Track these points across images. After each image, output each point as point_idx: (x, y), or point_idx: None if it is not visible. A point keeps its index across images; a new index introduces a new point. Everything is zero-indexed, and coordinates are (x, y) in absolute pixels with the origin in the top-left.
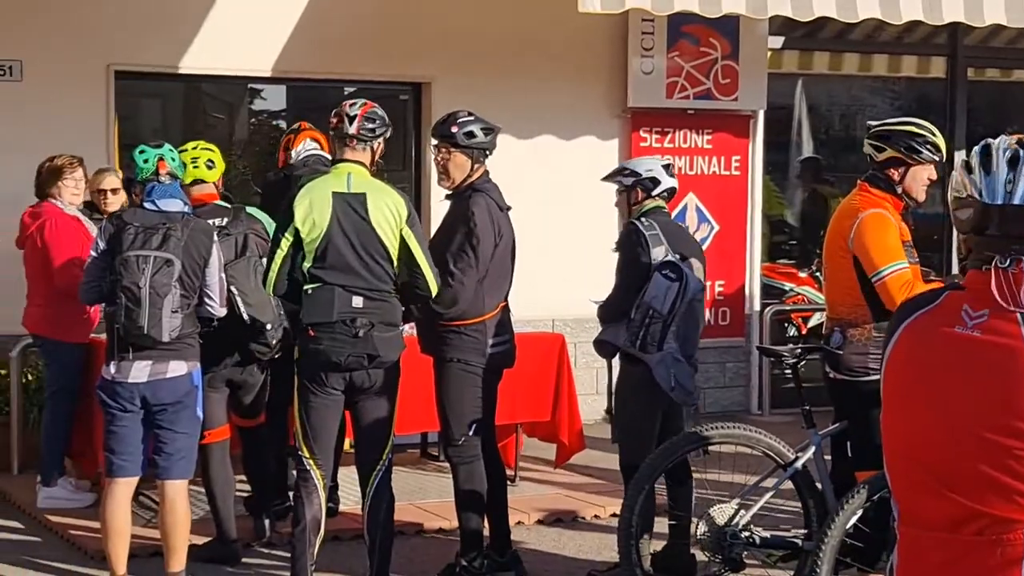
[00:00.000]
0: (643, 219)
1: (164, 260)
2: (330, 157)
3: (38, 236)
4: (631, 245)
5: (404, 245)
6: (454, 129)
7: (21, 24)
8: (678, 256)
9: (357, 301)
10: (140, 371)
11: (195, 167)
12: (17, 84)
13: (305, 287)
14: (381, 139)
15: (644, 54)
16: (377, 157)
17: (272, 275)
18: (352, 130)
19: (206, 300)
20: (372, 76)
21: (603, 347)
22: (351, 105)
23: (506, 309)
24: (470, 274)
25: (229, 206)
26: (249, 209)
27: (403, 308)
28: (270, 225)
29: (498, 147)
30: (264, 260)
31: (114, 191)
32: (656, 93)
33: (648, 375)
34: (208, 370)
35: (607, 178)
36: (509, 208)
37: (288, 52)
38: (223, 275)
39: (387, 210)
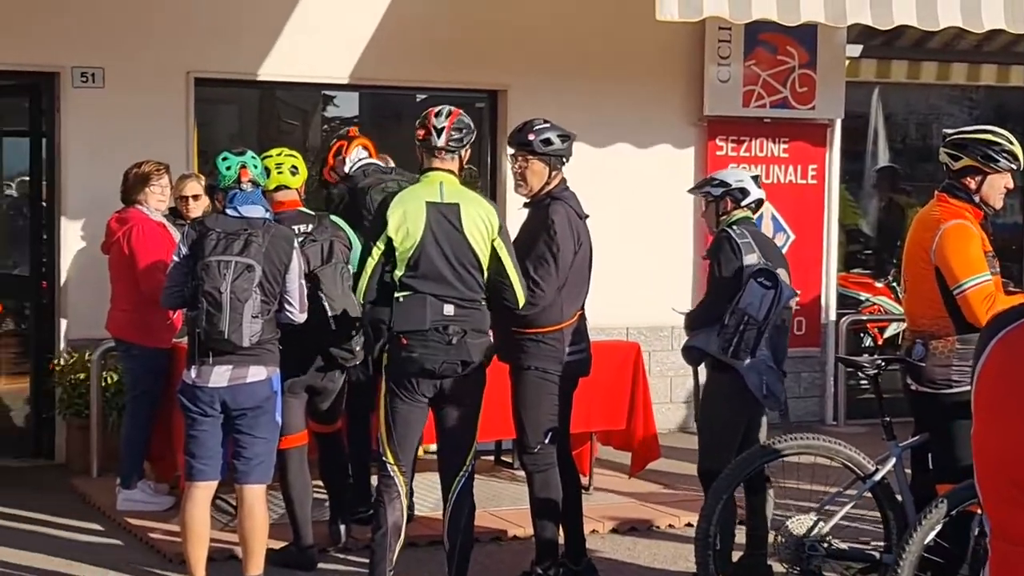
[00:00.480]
0: (735, 227)
1: (245, 265)
2: (382, 164)
3: (125, 242)
4: (724, 252)
5: (494, 255)
6: (531, 137)
7: (103, 32)
8: (769, 264)
9: (448, 309)
10: (220, 375)
11: (279, 173)
12: (99, 91)
13: (397, 295)
14: (468, 146)
15: (721, 62)
16: (465, 163)
17: (363, 282)
18: (441, 142)
19: (286, 306)
20: (447, 83)
21: (692, 353)
22: (437, 115)
23: (582, 317)
24: (550, 281)
25: (312, 213)
26: (332, 216)
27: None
28: (350, 234)
29: (576, 156)
30: (349, 266)
31: (196, 197)
32: (732, 101)
33: (738, 382)
34: (290, 376)
35: (694, 190)
36: (587, 216)
37: (364, 59)
38: (303, 282)
39: (480, 221)
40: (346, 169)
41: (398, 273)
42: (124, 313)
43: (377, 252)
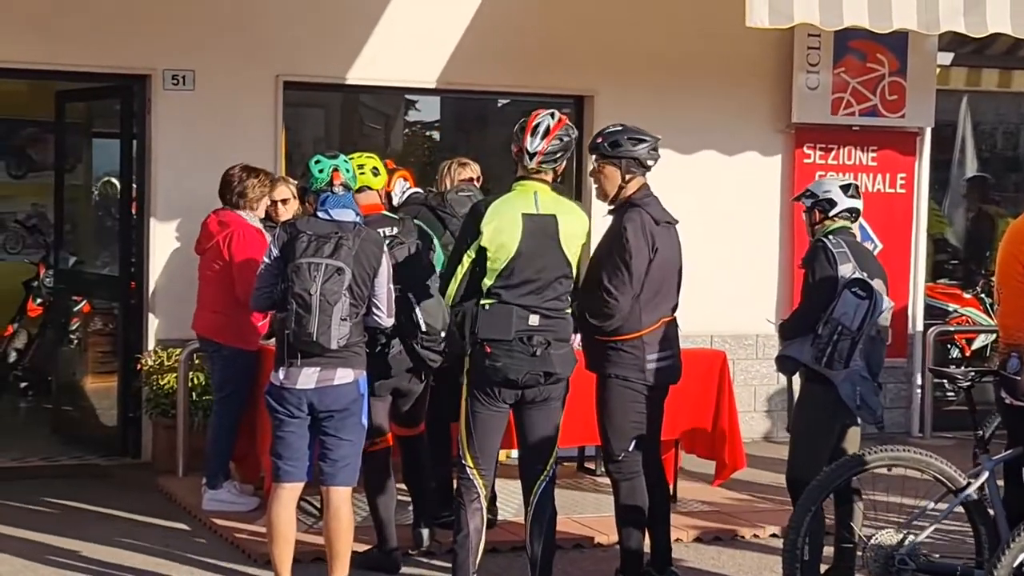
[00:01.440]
0: (830, 236)
1: (335, 268)
2: (423, 193)
3: (225, 246)
4: (819, 262)
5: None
6: (599, 140)
7: (194, 35)
8: (865, 275)
9: (533, 319)
10: (308, 378)
11: (361, 174)
12: (189, 93)
13: (483, 302)
14: (563, 161)
15: (810, 69)
16: (560, 172)
17: (452, 287)
18: (532, 165)
19: (374, 310)
20: (533, 89)
21: (785, 363)
22: (533, 133)
23: (671, 324)
24: (624, 290)
25: (396, 216)
26: (415, 220)
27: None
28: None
29: (662, 163)
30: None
31: (284, 201)
32: (821, 109)
33: (832, 392)
34: (378, 378)
35: (797, 198)
36: (675, 222)
37: (450, 63)
38: (391, 286)
39: (578, 231)
40: (395, 201)
41: (487, 281)
42: (215, 315)
43: (468, 260)
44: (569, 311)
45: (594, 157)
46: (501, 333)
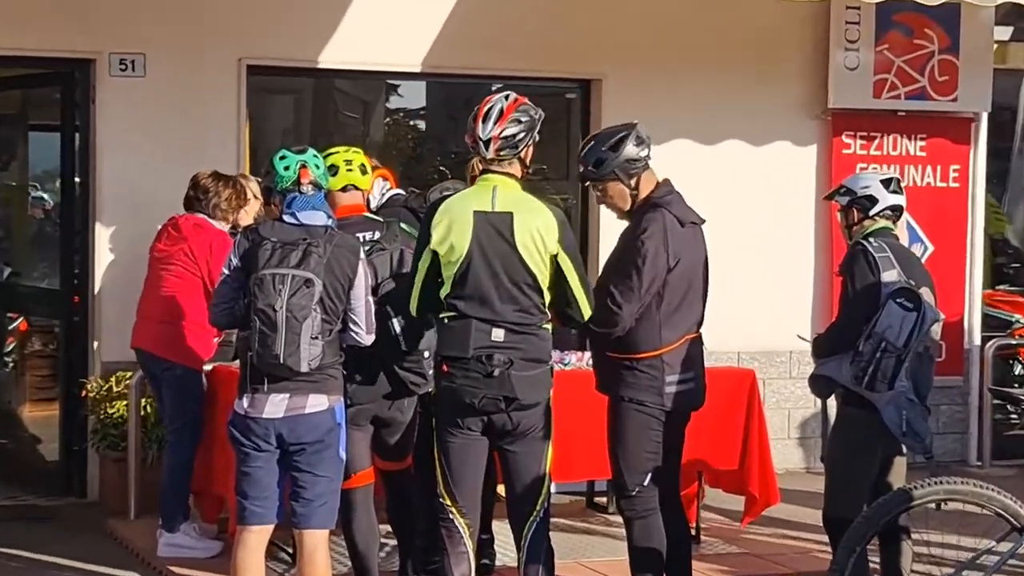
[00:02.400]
0: (872, 239)
1: (303, 280)
2: (404, 194)
3: (201, 253)
4: (859, 268)
5: (558, 271)
6: (581, 168)
7: (143, 14)
8: (911, 282)
9: (497, 334)
10: (276, 405)
11: (349, 170)
12: (139, 80)
13: (442, 316)
14: (530, 143)
15: (848, 47)
16: (529, 160)
17: (414, 298)
18: (489, 154)
19: (351, 326)
20: (532, 72)
21: (820, 384)
22: (484, 119)
23: (695, 342)
24: (630, 297)
25: (380, 219)
26: (402, 224)
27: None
28: None
29: (678, 154)
30: None
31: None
32: (862, 92)
33: (874, 417)
34: (354, 405)
35: (829, 197)
36: (701, 221)
37: (437, 44)
38: (370, 298)
39: (536, 232)
40: (373, 204)
41: (444, 292)
42: (163, 326)
43: (422, 267)
44: (546, 327)
45: (588, 185)
46: (459, 350)
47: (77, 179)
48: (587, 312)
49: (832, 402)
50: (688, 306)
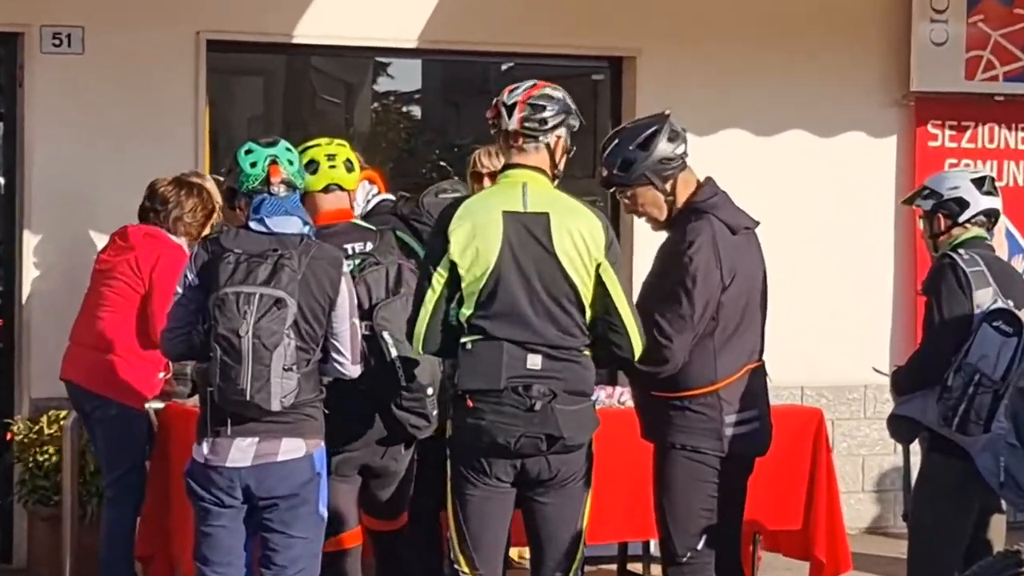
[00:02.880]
0: (961, 251)
1: (273, 299)
2: (393, 198)
3: (147, 265)
4: (947, 286)
5: (600, 284)
6: (605, 173)
7: None
8: (1010, 303)
9: (534, 361)
10: (242, 452)
11: (332, 167)
12: (76, 58)
13: (463, 340)
14: (562, 131)
15: (935, 17)
16: (560, 158)
17: (421, 326)
18: (513, 124)
19: (332, 355)
20: (551, 48)
21: (901, 426)
22: (512, 90)
23: (757, 372)
24: (682, 327)
25: (372, 227)
26: (398, 233)
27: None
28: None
29: (729, 148)
30: None
31: None
32: (951, 72)
33: (966, 465)
34: (338, 451)
35: (908, 200)
36: (755, 225)
37: (436, 16)
38: (356, 320)
39: (578, 236)
40: (358, 211)
41: (465, 311)
42: (101, 356)
43: (439, 282)
44: (587, 352)
45: (615, 191)
46: (488, 381)
47: (1, 178)
48: (638, 344)
49: (916, 448)
50: (747, 329)
